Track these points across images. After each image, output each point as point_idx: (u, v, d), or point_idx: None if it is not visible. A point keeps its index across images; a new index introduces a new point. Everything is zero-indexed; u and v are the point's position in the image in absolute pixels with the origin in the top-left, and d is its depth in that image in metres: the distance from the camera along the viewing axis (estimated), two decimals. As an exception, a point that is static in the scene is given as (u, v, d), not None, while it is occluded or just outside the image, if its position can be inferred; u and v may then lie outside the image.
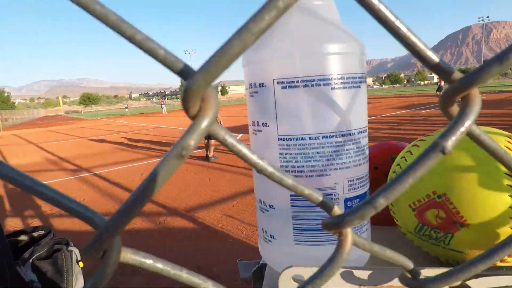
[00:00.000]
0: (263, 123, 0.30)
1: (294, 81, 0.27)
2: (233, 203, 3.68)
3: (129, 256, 0.13)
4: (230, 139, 0.13)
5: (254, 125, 0.31)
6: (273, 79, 0.28)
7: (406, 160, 0.31)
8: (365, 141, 0.31)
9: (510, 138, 0.28)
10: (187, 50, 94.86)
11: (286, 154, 0.29)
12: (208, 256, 2.58)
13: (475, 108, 0.13)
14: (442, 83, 27.13)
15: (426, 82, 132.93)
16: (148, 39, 0.11)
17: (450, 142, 0.12)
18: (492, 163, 0.25)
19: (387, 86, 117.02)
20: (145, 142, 9.53)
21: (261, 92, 0.29)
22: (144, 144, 9.00)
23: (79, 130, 16.26)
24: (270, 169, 0.13)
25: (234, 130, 10.56)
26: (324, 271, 0.14)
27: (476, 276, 0.21)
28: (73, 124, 23.04)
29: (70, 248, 0.91)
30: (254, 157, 0.13)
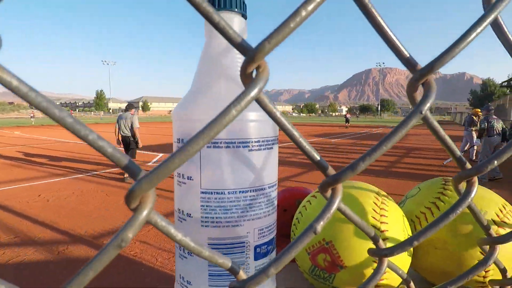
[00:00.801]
0: (188, 176, 0.33)
1: (218, 142, 0.32)
2: (148, 228, 3.46)
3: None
4: (162, 222, 0.16)
5: (179, 177, 0.34)
6: (199, 139, 0.32)
7: (306, 209, 0.38)
8: (274, 193, 0.36)
9: (378, 194, 0.37)
10: (105, 61, 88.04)
11: (207, 206, 0.32)
12: (116, 290, 2.34)
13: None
14: (348, 115, 31.04)
15: (336, 113, 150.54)
16: (99, 139, 0.14)
17: (319, 227, 0.17)
18: (364, 218, 0.33)
19: (304, 114, 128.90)
20: (46, 158, 8.31)
21: (187, 149, 0.33)
22: (44, 160, 7.83)
23: (-44, 140, 13.30)
24: (192, 244, 0.17)
25: (154, 148, 10.05)
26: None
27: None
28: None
29: None
30: (179, 235, 0.17)
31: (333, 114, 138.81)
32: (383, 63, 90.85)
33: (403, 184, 5.49)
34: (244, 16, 0.35)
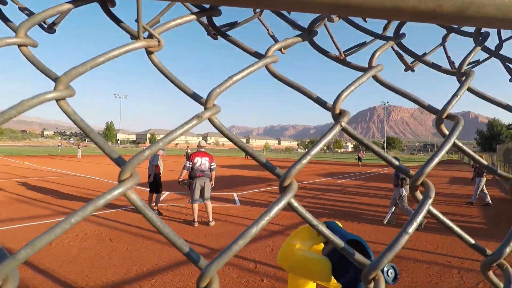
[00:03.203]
0: None
1: None
2: (151, 281, 3.32)
3: None
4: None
5: None
6: None
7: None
8: None
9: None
10: (117, 94, 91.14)
11: None
12: None
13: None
14: (363, 154, 30.99)
15: (342, 150, 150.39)
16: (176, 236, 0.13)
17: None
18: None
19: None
20: (51, 193, 8.28)
21: None
22: (49, 196, 7.79)
23: (-34, 171, 13.46)
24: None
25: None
26: None
27: None
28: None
29: None
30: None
31: (339, 150, 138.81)
32: (387, 101, 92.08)
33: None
34: None
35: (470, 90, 0.39)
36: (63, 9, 0.28)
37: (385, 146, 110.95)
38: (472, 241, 0.34)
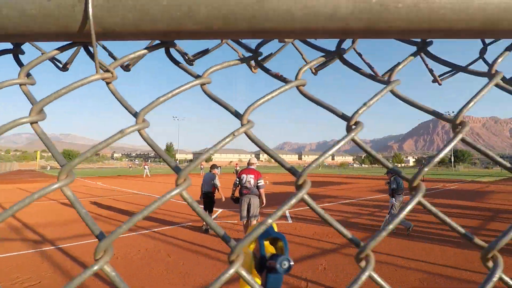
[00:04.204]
0: None
1: None
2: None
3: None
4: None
5: None
6: None
7: None
8: None
9: None
10: (176, 117, 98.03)
11: None
12: None
13: None
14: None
15: (403, 164, 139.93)
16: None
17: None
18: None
19: (366, 165, 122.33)
20: (120, 212, 9.12)
21: None
22: (118, 215, 8.60)
23: (52, 190, 15.51)
24: None
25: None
26: None
27: None
28: (46, 182, 22.04)
29: None
30: None
31: (399, 165, 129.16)
32: (453, 111, 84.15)
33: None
34: None
35: (393, 93, 0.41)
36: (51, 54, 0.37)
37: (452, 160, 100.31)
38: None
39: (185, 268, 4.29)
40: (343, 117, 0.39)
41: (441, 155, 0.37)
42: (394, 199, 6.56)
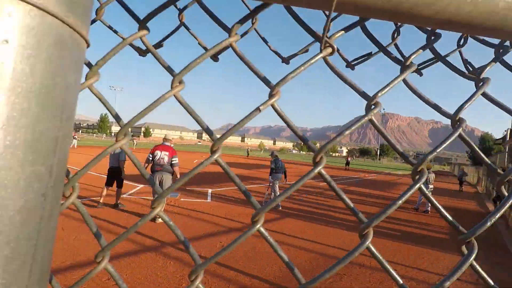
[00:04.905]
0: None
1: None
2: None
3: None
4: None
5: None
6: None
7: None
8: None
9: None
10: (113, 87, 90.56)
11: None
12: None
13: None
14: (350, 159, 31.14)
15: (337, 154, 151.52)
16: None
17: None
18: None
19: (304, 152, 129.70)
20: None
21: None
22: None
23: None
24: None
25: (136, 179, 9.86)
26: None
27: None
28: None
29: None
30: None
31: (333, 154, 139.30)
32: (384, 109, 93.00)
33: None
34: None
35: (405, 83, 0.44)
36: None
37: (378, 153, 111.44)
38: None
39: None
40: (363, 95, 0.41)
41: (441, 148, 0.38)
42: (271, 176, 8.07)
